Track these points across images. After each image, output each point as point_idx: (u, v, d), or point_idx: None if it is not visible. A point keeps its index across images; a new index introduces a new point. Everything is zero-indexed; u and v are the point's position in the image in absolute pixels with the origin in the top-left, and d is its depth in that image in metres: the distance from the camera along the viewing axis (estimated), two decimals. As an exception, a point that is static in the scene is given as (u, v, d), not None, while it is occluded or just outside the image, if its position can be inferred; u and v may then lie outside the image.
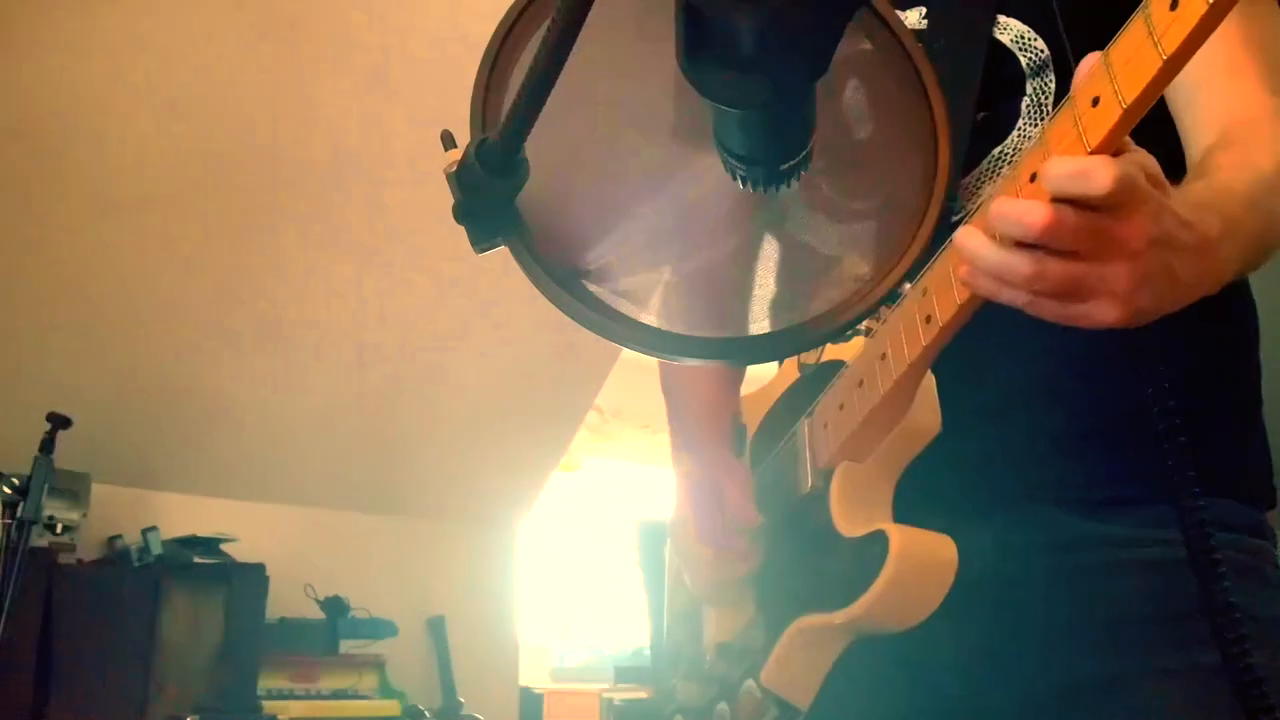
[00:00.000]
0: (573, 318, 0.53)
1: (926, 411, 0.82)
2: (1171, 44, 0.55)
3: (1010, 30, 0.91)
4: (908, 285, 0.77)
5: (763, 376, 1.08)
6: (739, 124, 0.49)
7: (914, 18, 0.96)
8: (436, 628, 3.87)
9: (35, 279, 3.05)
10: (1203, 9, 0.54)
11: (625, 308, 0.54)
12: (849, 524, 0.83)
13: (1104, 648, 0.82)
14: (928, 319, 0.76)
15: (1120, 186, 0.58)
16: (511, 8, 0.56)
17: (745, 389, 1.14)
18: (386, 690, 3.49)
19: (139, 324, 3.23)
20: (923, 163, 0.60)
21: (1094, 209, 0.59)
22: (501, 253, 0.54)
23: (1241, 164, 0.74)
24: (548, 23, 0.45)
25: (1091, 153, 0.60)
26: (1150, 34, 0.56)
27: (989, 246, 0.62)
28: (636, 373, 4.58)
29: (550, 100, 0.47)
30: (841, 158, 0.59)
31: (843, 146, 0.60)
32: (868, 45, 0.59)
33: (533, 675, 4.36)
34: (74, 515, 3.08)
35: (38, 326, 3.12)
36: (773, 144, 0.50)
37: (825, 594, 0.83)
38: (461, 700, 3.71)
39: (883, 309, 0.80)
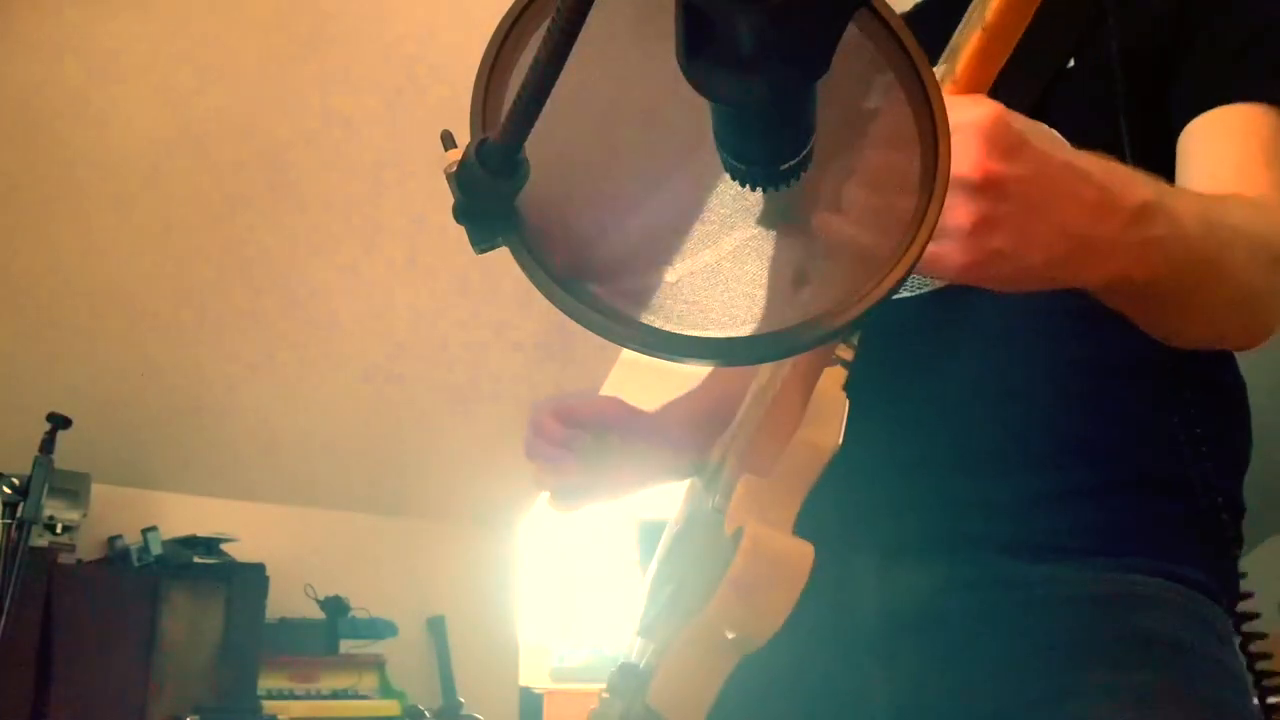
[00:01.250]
0: (573, 318, 0.53)
1: (826, 426, 0.78)
2: (992, 14, 0.59)
3: None
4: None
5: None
6: (739, 124, 0.49)
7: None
8: (436, 628, 3.87)
9: (35, 279, 3.05)
10: None
11: (625, 308, 0.54)
12: (732, 522, 0.80)
13: (1045, 671, 0.79)
14: None
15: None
16: (511, 8, 0.56)
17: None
18: (386, 690, 3.49)
19: (139, 324, 3.23)
20: (923, 162, 0.60)
21: None
22: (502, 253, 0.54)
23: (1207, 195, 0.71)
24: (548, 23, 0.45)
25: (956, 79, 0.62)
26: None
27: None
28: (636, 373, 4.58)
29: (550, 100, 0.47)
30: (841, 158, 0.59)
31: (843, 146, 0.60)
32: (868, 45, 0.59)
33: (533, 675, 4.36)
34: (74, 515, 3.08)
35: (38, 326, 3.12)
36: (773, 144, 0.50)
37: (704, 599, 0.80)
38: (461, 700, 3.71)
39: None
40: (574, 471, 1.03)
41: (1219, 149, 0.82)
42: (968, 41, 0.60)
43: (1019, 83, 0.90)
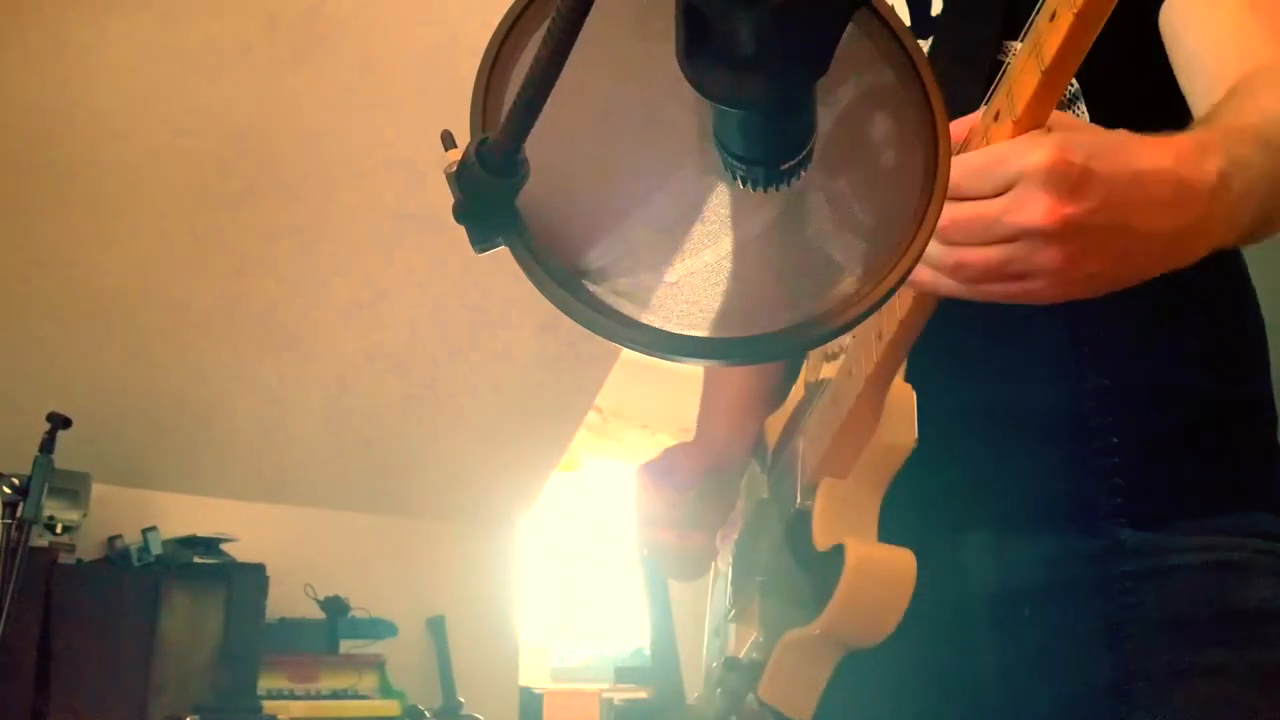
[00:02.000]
0: (573, 318, 0.53)
1: (899, 426, 0.81)
2: (1049, 54, 0.56)
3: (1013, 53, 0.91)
4: None
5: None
6: (739, 124, 0.49)
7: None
8: (436, 628, 3.87)
9: (35, 279, 3.05)
10: (1070, 18, 0.54)
11: (625, 308, 0.54)
12: (823, 538, 0.84)
13: (1159, 646, 0.81)
14: (878, 335, 0.76)
15: (981, 181, 0.58)
16: (511, 7, 0.56)
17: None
18: (386, 690, 3.49)
19: (139, 324, 3.23)
20: (923, 163, 0.60)
21: (985, 198, 0.59)
22: (501, 253, 0.54)
23: (1249, 108, 0.71)
24: (548, 22, 0.45)
25: (1017, 120, 0.60)
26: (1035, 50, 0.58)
27: None
28: (636, 373, 4.59)
29: (550, 100, 0.47)
30: (841, 158, 0.59)
31: (842, 146, 0.60)
32: (868, 45, 0.59)
33: (533, 675, 4.36)
34: (74, 515, 3.08)
35: (38, 326, 3.12)
36: (773, 144, 0.50)
37: (806, 607, 0.83)
38: (461, 700, 3.71)
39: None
40: (700, 538, 1.05)
41: (1207, 18, 0.81)
42: (1024, 80, 0.58)
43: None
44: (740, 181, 0.52)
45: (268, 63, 2.90)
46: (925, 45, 0.96)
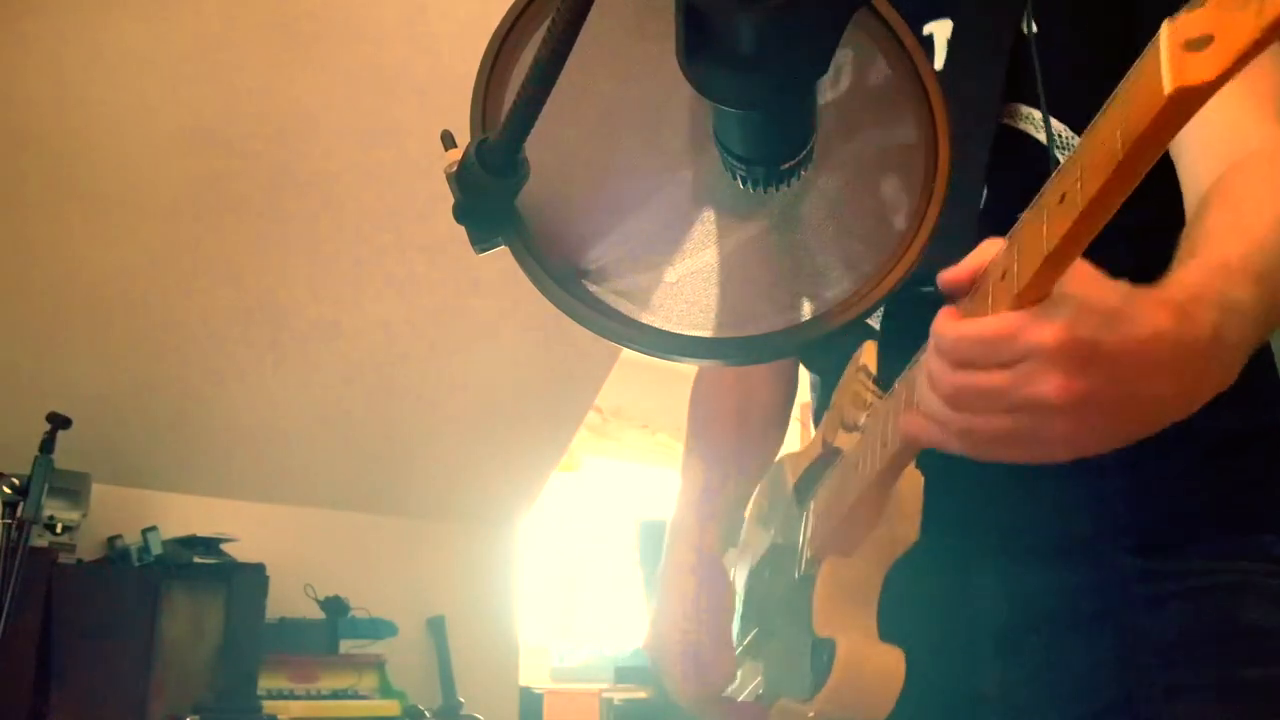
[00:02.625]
0: (573, 318, 0.53)
1: (904, 520, 0.83)
2: (1052, 241, 0.55)
3: (1020, 115, 0.90)
4: (896, 383, 0.77)
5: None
6: (739, 124, 0.49)
7: (940, 27, 0.96)
8: (436, 628, 3.87)
9: (35, 279, 3.05)
10: (1075, 214, 0.53)
11: (625, 308, 0.54)
12: (820, 622, 0.86)
13: (1157, 667, 0.83)
14: (883, 444, 0.77)
15: (990, 352, 0.58)
16: (511, 8, 0.56)
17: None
18: (386, 690, 3.49)
19: (139, 324, 3.23)
20: (922, 163, 0.59)
21: (998, 367, 0.59)
22: (501, 253, 0.54)
23: (1237, 227, 0.71)
24: (548, 23, 0.45)
25: (1019, 294, 0.59)
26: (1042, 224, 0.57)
27: (930, 399, 0.63)
28: (636, 373, 4.59)
29: (550, 100, 0.47)
30: (841, 158, 0.59)
31: (842, 147, 0.59)
32: (869, 45, 0.59)
33: (533, 675, 4.36)
34: (74, 515, 3.08)
35: (38, 326, 3.12)
36: (773, 144, 0.50)
37: (800, 682, 0.86)
38: (461, 700, 3.71)
39: (878, 400, 0.82)
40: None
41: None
42: (1030, 252, 0.58)
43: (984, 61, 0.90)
44: (740, 181, 0.52)
45: (267, 63, 2.90)
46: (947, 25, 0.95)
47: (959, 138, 0.61)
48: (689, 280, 0.56)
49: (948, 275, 0.65)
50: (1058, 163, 0.74)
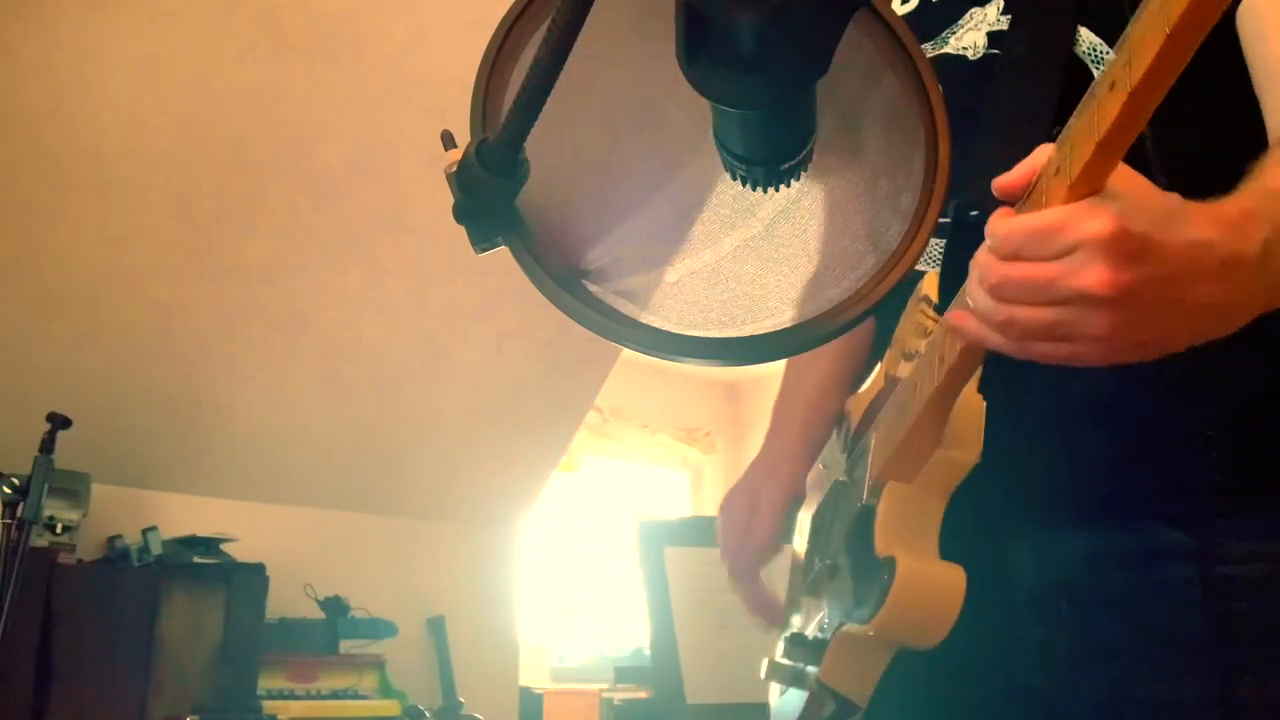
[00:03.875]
0: (573, 318, 0.53)
1: (965, 442, 0.83)
2: (1104, 126, 0.56)
3: (1084, 42, 0.89)
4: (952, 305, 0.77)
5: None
6: (739, 124, 0.49)
7: (992, 14, 0.95)
8: (436, 628, 3.87)
9: (35, 279, 3.05)
10: (1124, 95, 0.53)
11: (625, 308, 0.54)
12: (881, 542, 0.86)
13: (1198, 667, 0.81)
14: (940, 359, 0.77)
15: (1040, 244, 0.59)
16: (511, 7, 0.56)
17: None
18: (386, 690, 3.49)
19: (139, 324, 3.23)
20: (923, 162, 0.60)
21: (1044, 259, 0.59)
22: (502, 253, 0.54)
23: None
24: (548, 22, 0.45)
25: (1072, 185, 0.59)
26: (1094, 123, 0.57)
27: (976, 292, 0.63)
28: (636, 373, 4.59)
29: (550, 100, 0.48)
30: (841, 158, 0.59)
31: (842, 147, 0.60)
32: (868, 45, 0.59)
33: (533, 675, 4.36)
34: (74, 515, 3.08)
35: (38, 326, 3.12)
36: (773, 144, 0.51)
37: (864, 604, 0.86)
38: (461, 700, 3.71)
39: (936, 321, 0.82)
40: (774, 611, 1.14)
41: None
42: (1081, 144, 0.58)
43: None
44: (740, 181, 0.52)
45: (267, 64, 2.90)
46: (993, 10, 0.94)
47: (1029, 69, 0.61)
48: (689, 280, 0.56)
49: (1003, 181, 0.66)
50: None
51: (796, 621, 1.11)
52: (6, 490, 2.25)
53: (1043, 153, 0.65)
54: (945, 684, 0.92)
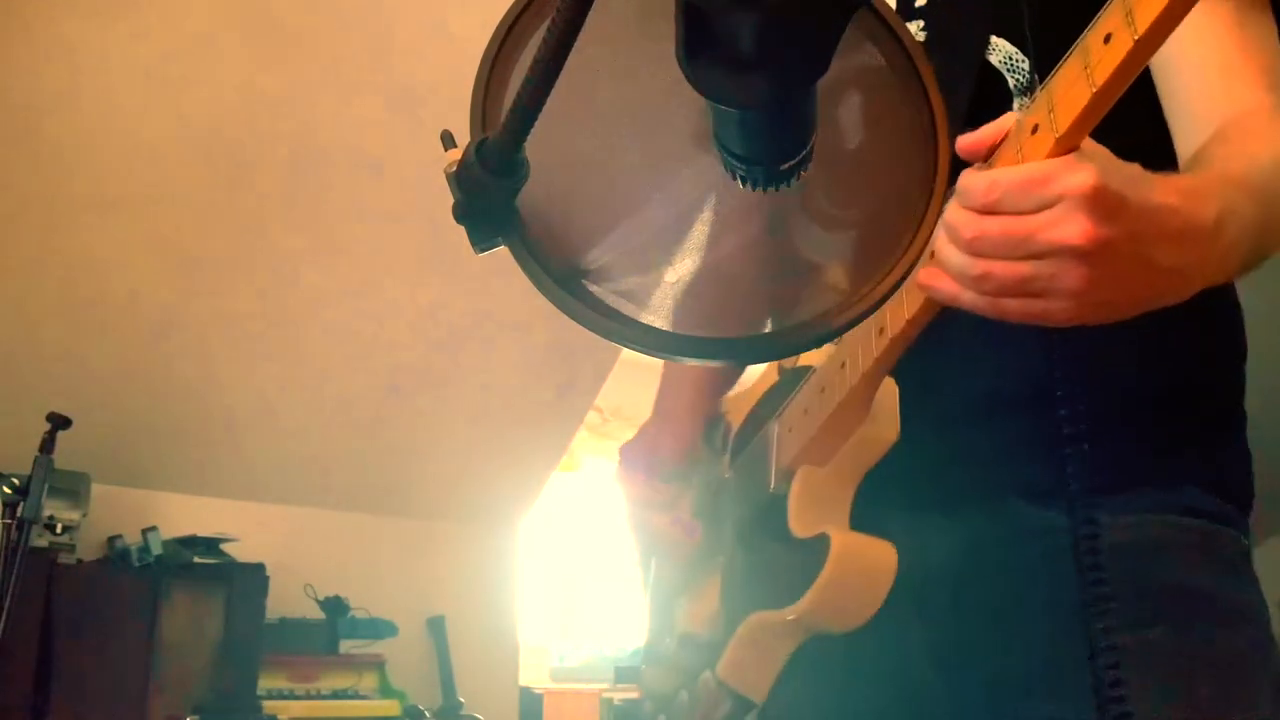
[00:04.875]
0: (573, 318, 0.53)
1: (885, 420, 0.83)
2: (1102, 77, 0.57)
3: (999, 51, 0.91)
4: None
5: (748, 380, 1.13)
6: (739, 124, 0.49)
7: (913, 30, 0.96)
8: (436, 628, 3.87)
9: (35, 279, 3.05)
10: (1130, 44, 0.55)
11: (625, 308, 0.54)
12: (802, 525, 0.86)
13: (1066, 631, 0.81)
14: (880, 331, 0.77)
15: (1023, 197, 0.59)
16: (511, 7, 0.56)
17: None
18: (386, 690, 3.49)
19: (139, 324, 3.23)
20: (922, 163, 0.60)
21: (1023, 213, 0.60)
22: (501, 253, 0.54)
23: (1237, 154, 0.74)
24: (548, 22, 0.45)
25: (1060, 138, 0.60)
26: (1085, 68, 0.58)
27: (948, 250, 0.64)
28: (636, 373, 4.58)
29: (550, 100, 0.47)
30: (841, 158, 0.59)
31: (842, 147, 0.60)
32: (868, 45, 0.59)
33: (533, 675, 4.36)
34: (74, 515, 3.08)
35: (38, 326, 3.12)
36: (772, 144, 0.50)
37: (778, 591, 0.85)
38: (461, 700, 3.71)
39: None
40: (698, 527, 1.10)
41: (1198, 59, 0.85)
42: (1072, 98, 0.60)
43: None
44: (740, 181, 0.52)
45: (267, 64, 2.90)
46: (914, 27, 0.96)
47: (943, 81, 0.62)
48: (689, 281, 0.56)
49: (968, 140, 0.67)
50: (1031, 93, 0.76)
51: (681, 624, 1.08)
52: (6, 490, 2.26)
53: (1010, 118, 0.66)
54: (842, 674, 0.91)
